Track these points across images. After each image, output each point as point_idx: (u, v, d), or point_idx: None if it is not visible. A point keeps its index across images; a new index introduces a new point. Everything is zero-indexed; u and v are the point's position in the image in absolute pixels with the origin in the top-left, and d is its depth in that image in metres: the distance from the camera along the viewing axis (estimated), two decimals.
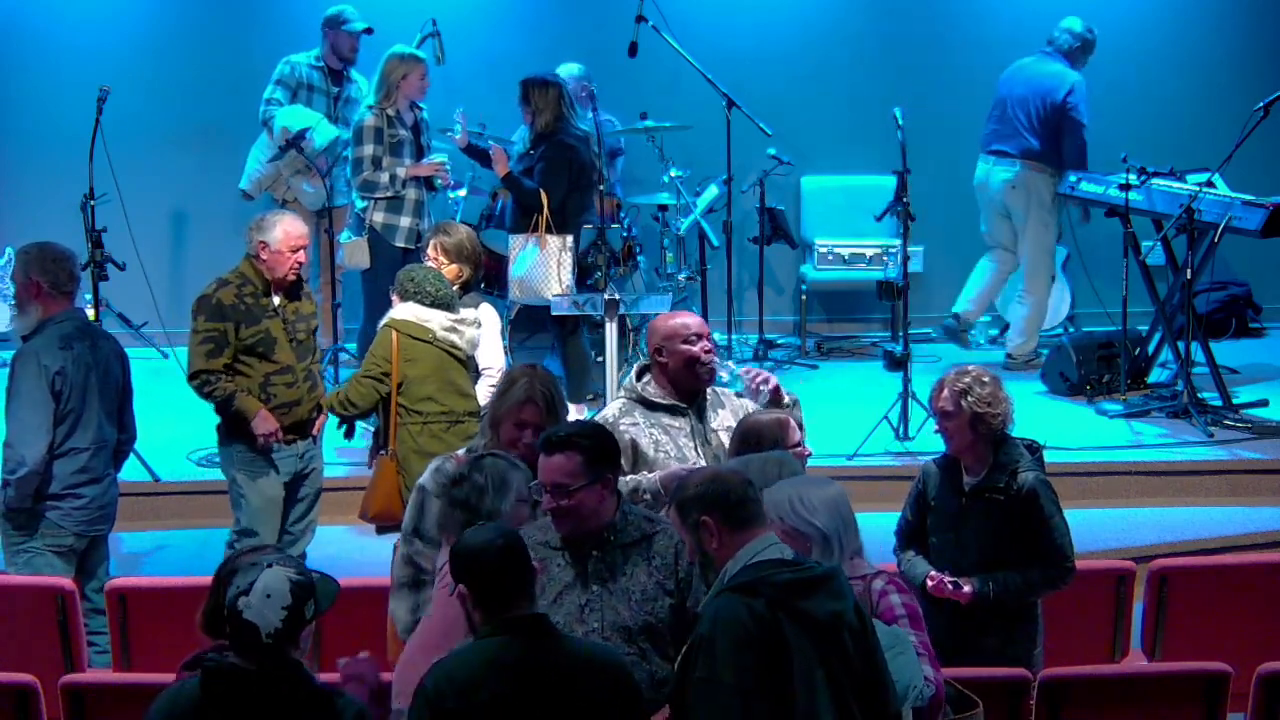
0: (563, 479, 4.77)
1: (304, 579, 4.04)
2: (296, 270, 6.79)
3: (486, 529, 4.37)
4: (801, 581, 4.18)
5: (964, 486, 5.61)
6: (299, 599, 3.98)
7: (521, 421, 5.38)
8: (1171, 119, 10.73)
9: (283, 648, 3.97)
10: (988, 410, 5.51)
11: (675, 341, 5.80)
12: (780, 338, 10.66)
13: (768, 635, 4.09)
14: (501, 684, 4.08)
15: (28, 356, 6.30)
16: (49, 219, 10.36)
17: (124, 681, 5.39)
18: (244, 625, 3.95)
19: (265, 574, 3.99)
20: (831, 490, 4.74)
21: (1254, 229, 8.80)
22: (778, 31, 10.84)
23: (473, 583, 4.23)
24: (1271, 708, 5.13)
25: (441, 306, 6.82)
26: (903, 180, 8.57)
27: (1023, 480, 5.51)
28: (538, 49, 10.25)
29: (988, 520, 5.54)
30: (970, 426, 5.52)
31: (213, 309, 6.68)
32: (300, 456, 6.90)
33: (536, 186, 8.56)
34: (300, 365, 6.86)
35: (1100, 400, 9.09)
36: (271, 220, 6.76)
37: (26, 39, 10.60)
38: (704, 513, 4.34)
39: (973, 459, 5.59)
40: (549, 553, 4.85)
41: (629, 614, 4.79)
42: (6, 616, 5.93)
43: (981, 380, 5.56)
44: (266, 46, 10.56)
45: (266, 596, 3.96)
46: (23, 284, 6.35)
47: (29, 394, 6.26)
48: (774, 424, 5.67)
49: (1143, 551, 7.36)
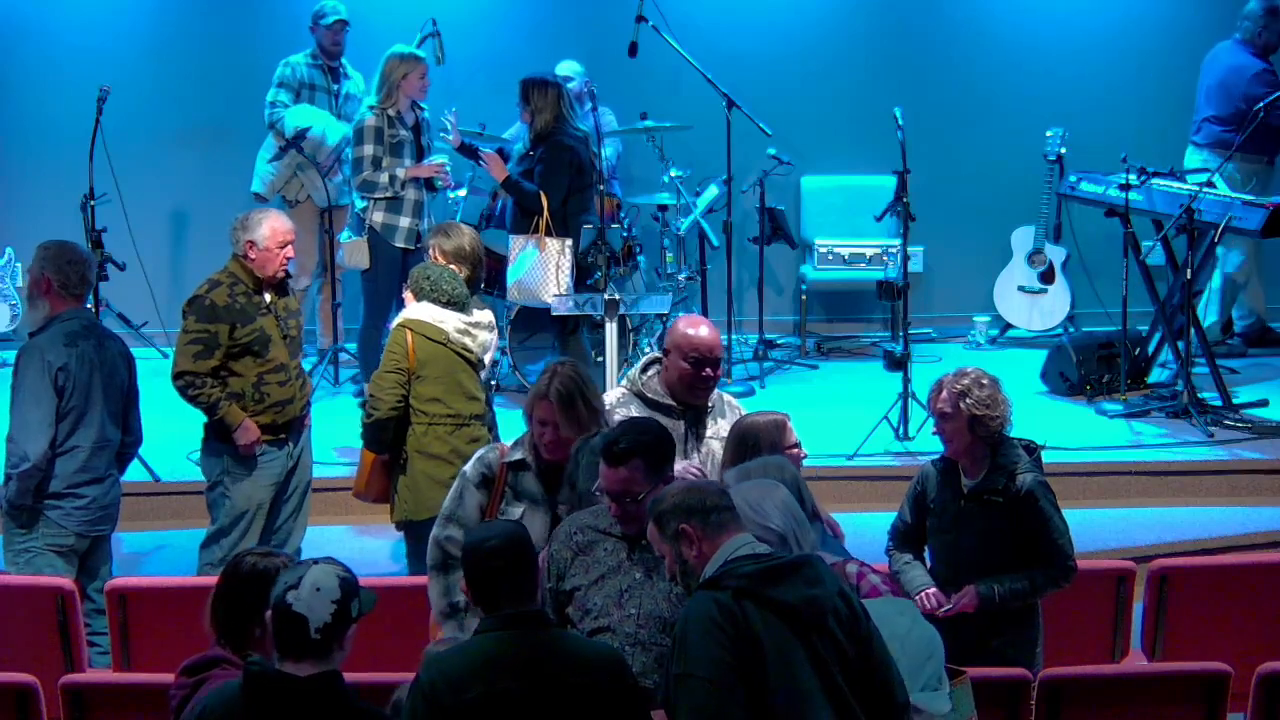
0: (629, 489, 4.87)
1: (351, 576, 4.05)
2: (285, 267, 6.78)
3: (492, 526, 4.40)
4: (768, 570, 4.22)
5: (963, 488, 5.60)
6: (347, 595, 3.98)
7: (541, 419, 5.52)
8: (1171, 119, 10.72)
9: (329, 645, 3.95)
10: (986, 413, 5.50)
11: (681, 354, 5.82)
12: (780, 338, 10.66)
13: (734, 625, 4.13)
14: (496, 680, 4.09)
15: (32, 352, 6.31)
16: (49, 219, 10.37)
17: (124, 681, 5.40)
18: (293, 618, 3.93)
19: (313, 570, 3.99)
20: (780, 493, 4.81)
21: (1254, 229, 8.81)
22: (778, 31, 10.84)
23: (469, 578, 4.28)
24: (1271, 708, 5.13)
25: (455, 307, 6.80)
26: (903, 180, 8.57)
27: (1021, 482, 5.50)
28: (538, 49, 10.25)
29: (987, 522, 5.54)
30: (968, 429, 5.52)
31: (205, 310, 6.66)
32: (290, 456, 6.90)
33: (537, 189, 8.55)
34: (293, 362, 6.86)
35: (1100, 400, 9.09)
36: (256, 219, 6.74)
37: (27, 39, 10.59)
38: (683, 521, 4.36)
39: (970, 461, 5.59)
40: (597, 536, 4.96)
41: (667, 606, 4.83)
42: (6, 616, 5.94)
43: (980, 382, 5.55)
44: (267, 46, 10.57)
45: (316, 590, 3.94)
46: (35, 279, 6.38)
47: (32, 389, 6.26)
48: (770, 425, 5.67)
49: (1143, 551, 7.36)
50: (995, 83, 10.86)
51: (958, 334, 10.67)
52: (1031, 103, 10.68)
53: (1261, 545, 7.72)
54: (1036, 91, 10.78)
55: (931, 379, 5.79)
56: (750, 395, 9.41)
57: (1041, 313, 10.45)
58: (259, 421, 6.73)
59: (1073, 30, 10.89)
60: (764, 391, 9.49)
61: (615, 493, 4.87)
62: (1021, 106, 10.72)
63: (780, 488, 4.87)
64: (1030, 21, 10.90)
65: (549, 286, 8.44)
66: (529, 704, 4.10)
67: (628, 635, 4.83)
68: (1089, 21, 10.87)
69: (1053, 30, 10.89)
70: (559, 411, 5.48)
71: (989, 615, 5.50)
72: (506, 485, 5.57)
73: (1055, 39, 10.88)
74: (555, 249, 8.46)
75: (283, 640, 3.96)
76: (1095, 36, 10.88)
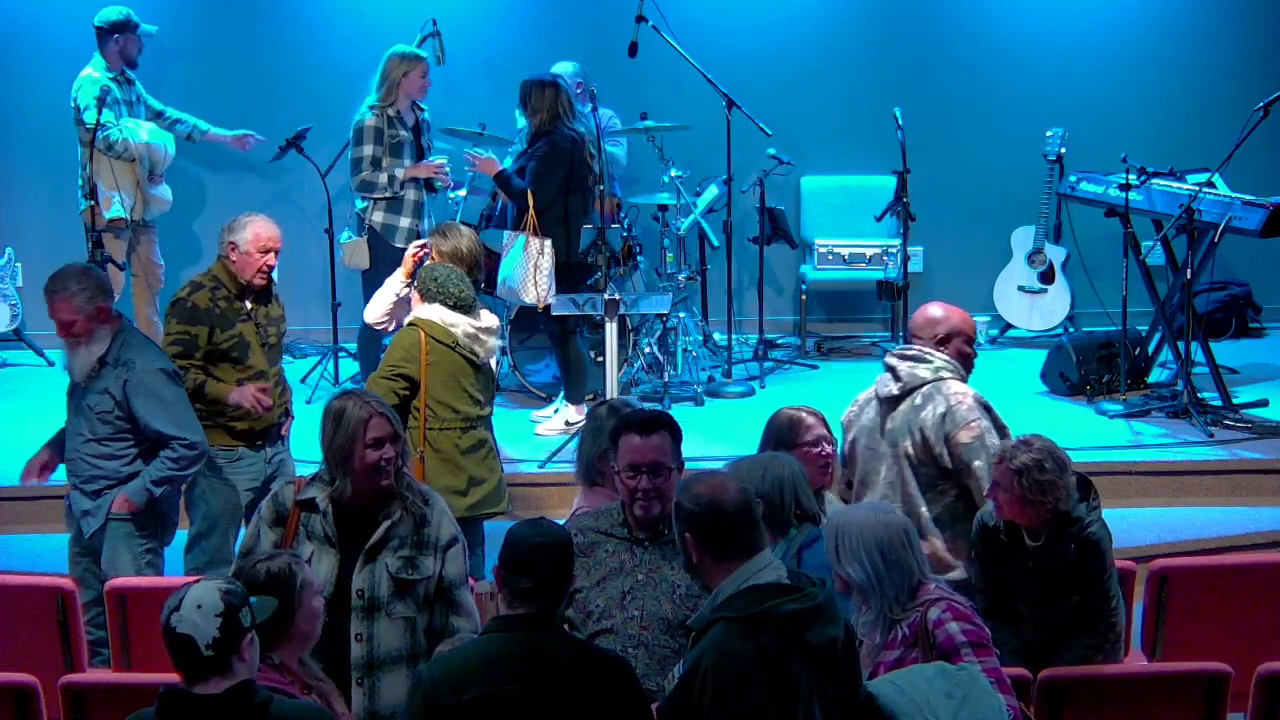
0: (662, 458, 4.81)
1: (234, 587, 4.02)
2: (266, 273, 6.75)
3: (540, 522, 4.36)
4: (806, 612, 4.04)
5: (1028, 549, 5.40)
6: (231, 607, 3.95)
7: (376, 440, 5.08)
8: (1171, 119, 10.73)
9: (226, 660, 3.92)
10: (1040, 498, 5.24)
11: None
12: (780, 338, 10.66)
13: (774, 673, 3.98)
14: (497, 681, 4.09)
15: (148, 374, 6.31)
16: (49, 219, 10.40)
17: (124, 681, 5.40)
18: (179, 640, 3.92)
19: (193, 589, 3.97)
20: (879, 529, 4.51)
21: (1254, 229, 8.80)
22: (778, 31, 10.85)
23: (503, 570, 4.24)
24: (1271, 708, 5.12)
25: (462, 309, 6.78)
26: (903, 180, 8.59)
27: (1087, 534, 5.35)
28: (538, 49, 10.25)
29: (1057, 580, 5.36)
30: (1021, 506, 5.30)
31: (186, 312, 6.66)
32: (268, 461, 6.88)
33: (524, 187, 8.53)
34: (272, 370, 6.86)
35: (1100, 400, 9.09)
36: (243, 221, 6.74)
37: (27, 39, 10.59)
38: (687, 530, 4.19)
39: (1028, 523, 5.38)
40: (598, 537, 4.91)
41: (670, 608, 4.81)
42: (6, 616, 5.93)
43: (1043, 466, 5.24)
44: (268, 46, 10.59)
45: (198, 608, 3.93)
46: (89, 315, 6.28)
47: (171, 396, 6.33)
48: (785, 421, 5.63)
49: (1143, 551, 7.35)
50: (995, 83, 10.86)
51: None
52: (1031, 103, 10.69)
53: (1261, 545, 7.71)
54: (1036, 91, 10.79)
55: None
56: (750, 395, 9.42)
57: (1041, 313, 10.45)
58: (237, 428, 6.74)
59: (1073, 30, 10.89)
60: (764, 392, 9.49)
61: (649, 463, 4.79)
62: (1021, 106, 10.73)
63: (887, 516, 4.58)
64: (1030, 21, 10.90)
65: (528, 287, 8.42)
66: (529, 706, 4.09)
67: (630, 637, 4.82)
68: (1089, 21, 10.87)
69: (1053, 30, 10.89)
70: (391, 424, 5.13)
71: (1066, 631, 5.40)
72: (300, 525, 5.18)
73: (1055, 39, 10.88)
74: (535, 249, 8.43)
75: (179, 664, 3.94)
76: (1095, 36, 10.88)
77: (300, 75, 10.59)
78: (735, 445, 7.89)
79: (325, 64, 10.49)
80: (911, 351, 5.93)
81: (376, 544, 5.00)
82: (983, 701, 4.16)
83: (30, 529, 7.86)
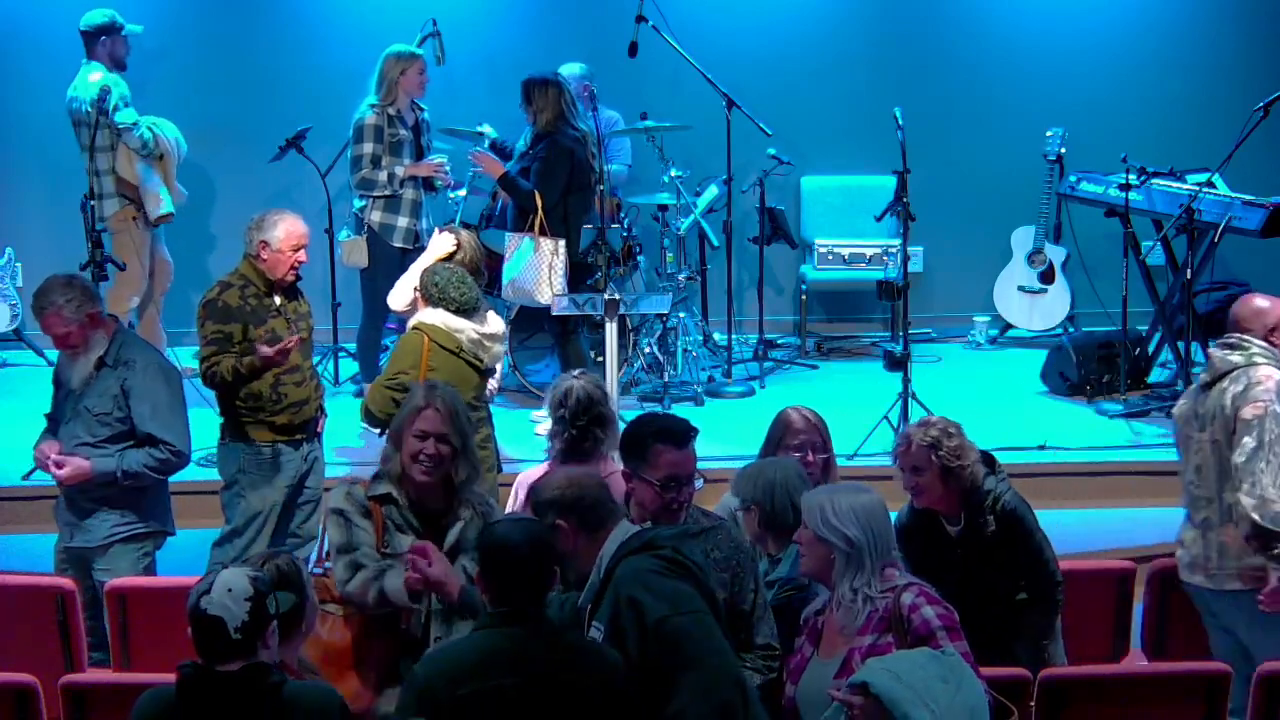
0: (694, 466, 4.94)
1: (262, 575, 4.12)
2: (296, 270, 6.78)
3: (519, 520, 4.39)
4: (681, 533, 4.53)
5: (951, 535, 5.47)
6: (260, 592, 4.02)
7: (422, 432, 5.21)
8: (1171, 119, 10.73)
9: (253, 644, 3.99)
10: (958, 463, 5.36)
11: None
12: (780, 338, 10.66)
13: (684, 568, 4.33)
14: (492, 675, 4.10)
15: (149, 372, 6.34)
16: (49, 219, 10.39)
17: (124, 681, 5.39)
18: (210, 622, 3.97)
19: (223, 574, 4.05)
20: (864, 498, 4.61)
21: (1254, 229, 8.80)
22: (778, 31, 10.84)
23: (486, 569, 4.27)
24: (1271, 708, 5.13)
25: (466, 313, 6.75)
26: (903, 180, 8.56)
27: (1003, 505, 5.41)
28: (538, 49, 10.25)
29: (985, 559, 5.42)
30: (942, 481, 5.39)
31: (219, 311, 6.67)
32: (305, 458, 6.89)
33: (531, 188, 8.54)
34: (306, 364, 6.88)
35: (1100, 400, 9.09)
36: (273, 219, 6.74)
37: (27, 38, 10.59)
38: (560, 516, 4.41)
39: (947, 508, 5.47)
40: None
41: None
42: (6, 616, 5.94)
43: (948, 432, 5.40)
44: (268, 46, 10.58)
45: (228, 591, 3.99)
46: (82, 323, 6.30)
47: (172, 401, 6.38)
48: (780, 423, 5.65)
49: (1143, 551, 7.34)
50: (995, 83, 10.86)
51: (958, 334, 10.67)
52: (1031, 103, 10.69)
53: None
54: (1036, 91, 10.78)
55: (932, 379, 5.77)
56: (750, 395, 9.42)
57: (1041, 313, 10.45)
58: (277, 422, 6.74)
59: (1073, 30, 10.88)
60: (764, 392, 9.49)
61: (686, 475, 4.88)
62: (1021, 106, 10.72)
63: (870, 492, 4.65)
64: (1030, 21, 10.89)
65: (543, 288, 8.43)
66: (524, 701, 4.10)
67: None
68: (1089, 21, 10.87)
69: (1053, 30, 10.89)
70: (447, 422, 5.27)
71: (1017, 623, 5.45)
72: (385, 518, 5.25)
73: (1055, 39, 10.87)
74: (549, 249, 8.44)
75: (204, 647, 3.99)
76: (1095, 36, 10.87)
77: (300, 75, 10.59)
78: (735, 445, 7.89)
79: (325, 64, 10.49)
80: (1232, 340, 5.89)
81: (454, 547, 5.07)
82: (972, 687, 4.17)
83: (30, 529, 7.86)
